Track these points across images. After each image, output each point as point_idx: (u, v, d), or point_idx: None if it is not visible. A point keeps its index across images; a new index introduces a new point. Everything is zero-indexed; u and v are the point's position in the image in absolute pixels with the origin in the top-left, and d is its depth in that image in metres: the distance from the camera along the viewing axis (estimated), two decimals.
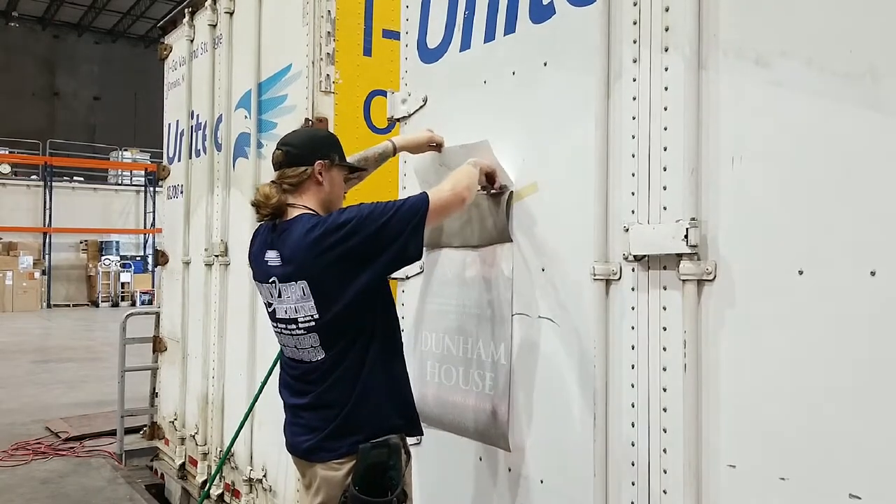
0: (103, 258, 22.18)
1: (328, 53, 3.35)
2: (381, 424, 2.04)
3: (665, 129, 1.73)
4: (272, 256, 2.07)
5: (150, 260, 22.60)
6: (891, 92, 1.34)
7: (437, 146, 2.43)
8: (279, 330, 2.13)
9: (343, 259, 1.96)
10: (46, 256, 21.80)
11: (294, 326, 2.05)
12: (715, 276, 1.62)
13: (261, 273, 2.14)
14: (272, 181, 2.13)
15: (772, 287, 1.51)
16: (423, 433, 2.21)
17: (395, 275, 2.62)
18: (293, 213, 2.07)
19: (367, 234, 1.95)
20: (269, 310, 2.14)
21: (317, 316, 2.00)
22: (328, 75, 3.34)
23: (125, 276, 22.27)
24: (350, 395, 2.02)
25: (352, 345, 2.03)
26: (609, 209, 1.86)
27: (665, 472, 1.71)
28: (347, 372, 2.02)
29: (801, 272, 1.46)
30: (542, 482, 2.06)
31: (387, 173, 2.94)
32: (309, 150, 2.12)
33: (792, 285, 1.47)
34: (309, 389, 2.09)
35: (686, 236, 1.62)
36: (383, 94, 3.00)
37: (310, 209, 2.08)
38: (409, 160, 2.63)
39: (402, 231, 1.96)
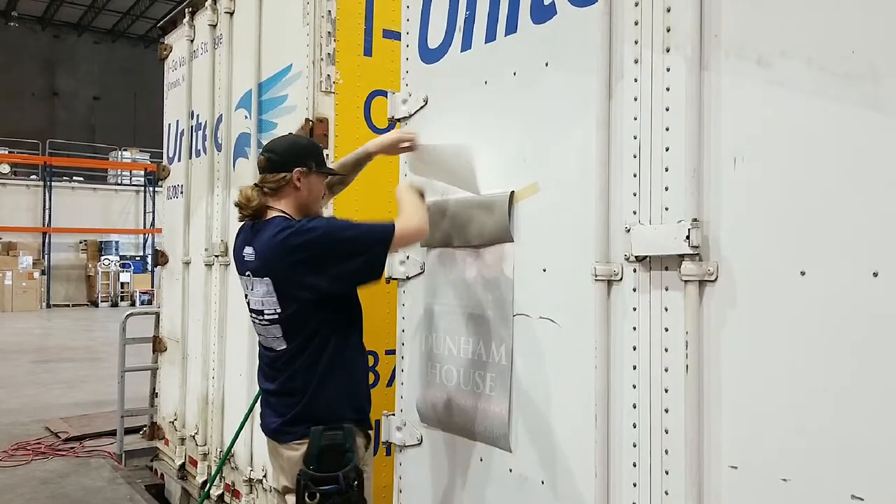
0: (103, 258, 22.17)
1: (329, 53, 3.34)
2: (335, 413, 2.24)
3: (667, 129, 1.72)
4: (248, 252, 2.30)
5: (149, 260, 22.59)
6: (892, 92, 1.34)
7: (409, 146, 2.50)
8: (253, 319, 2.36)
9: (301, 263, 2.15)
10: (46, 256, 21.79)
11: (262, 317, 2.28)
12: (717, 277, 1.61)
13: (240, 266, 2.38)
14: (255, 184, 2.35)
15: (774, 288, 1.51)
16: (371, 428, 2.39)
17: (394, 275, 2.63)
18: (270, 214, 2.29)
19: (327, 244, 2.15)
20: (246, 300, 2.38)
21: (279, 310, 2.22)
22: (329, 75, 3.34)
23: (125, 276, 22.27)
24: (309, 384, 2.23)
25: (310, 339, 2.23)
26: (610, 210, 1.86)
27: (667, 473, 1.71)
28: (307, 363, 2.23)
29: (803, 273, 1.46)
30: (543, 483, 2.06)
31: (387, 172, 2.94)
32: (289, 157, 2.31)
33: (794, 286, 1.47)
34: (276, 376, 2.31)
35: (688, 237, 1.62)
36: (384, 94, 2.99)
37: (285, 213, 2.29)
38: (407, 160, 2.62)
39: (365, 250, 2.16)
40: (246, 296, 2.37)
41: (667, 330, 1.72)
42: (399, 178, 2.70)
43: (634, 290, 1.80)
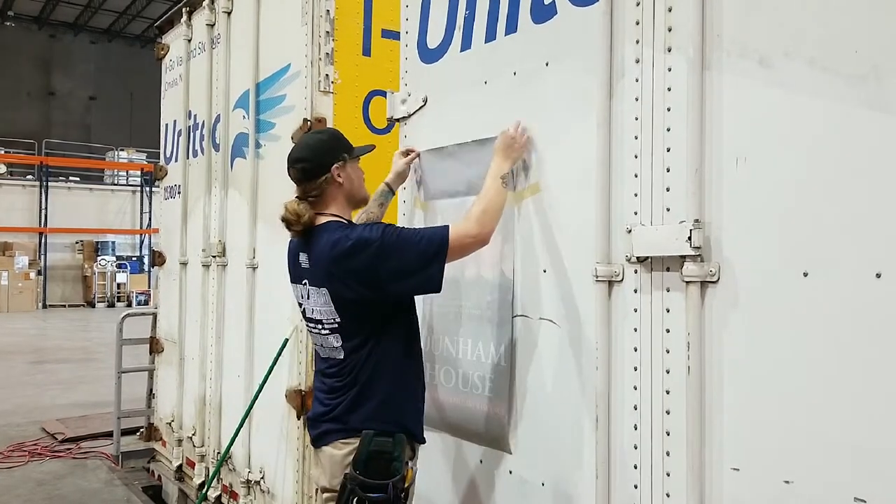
0: (99, 258, 22.12)
1: (327, 53, 3.33)
2: (382, 419, 2.13)
3: (668, 129, 1.72)
4: (304, 260, 2.22)
5: (146, 260, 22.55)
6: (895, 92, 1.33)
7: (413, 156, 2.52)
8: (310, 329, 2.28)
9: (357, 278, 2.08)
10: (42, 257, 21.74)
11: (321, 327, 2.20)
12: (718, 278, 1.61)
13: (294, 274, 2.29)
14: (298, 197, 2.25)
15: (776, 289, 1.51)
16: (420, 443, 2.25)
17: None
18: (321, 220, 2.20)
19: (382, 261, 2.05)
20: (301, 308, 2.30)
21: (339, 319, 2.15)
22: (327, 75, 3.33)
23: (121, 277, 22.22)
24: (356, 384, 2.14)
25: (364, 345, 2.14)
26: (612, 210, 1.85)
27: (668, 475, 1.70)
28: (359, 366, 2.14)
29: (805, 274, 1.45)
30: (543, 485, 2.05)
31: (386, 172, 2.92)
32: (321, 159, 2.23)
33: (796, 287, 1.46)
34: (332, 384, 2.21)
35: (689, 238, 1.61)
36: (383, 94, 2.98)
37: (336, 216, 2.22)
38: (421, 154, 2.60)
39: (421, 268, 2.06)
40: (300, 304, 2.29)
41: (668, 331, 1.71)
42: (397, 190, 2.67)
43: (636, 291, 1.79)
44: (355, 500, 2.04)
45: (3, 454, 5.96)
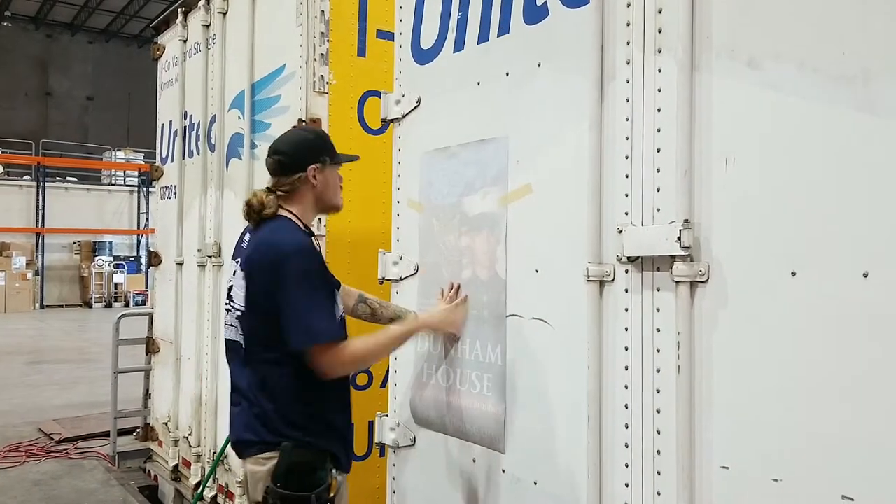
0: (96, 259, 22.11)
1: (322, 54, 3.34)
2: (298, 430, 2.08)
3: (658, 130, 1.73)
4: (245, 240, 2.25)
5: (143, 261, 22.54)
6: (883, 94, 1.35)
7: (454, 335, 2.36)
8: (227, 307, 2.28)
9: (267, 279, 2.08)
10: (39, 257, 21.73)
11: (233, 305, 2.22)
12: (708, 278, 1.62)
13: (235, 252, 2.32)
14: (268, 188, 2.23)
15: (765, 288, 1.52)
16: (344, 464, 2.20)
17: (388, 276, 2.63)
18: (280, 212, 2.20)
19: (285, 288, 2.04)
20: (229, 286, 2.27)
21: (243, 307, 2.15)
22: (322, 76, 3.33)
23: (118, 277, 22.21)
24: (265, 395, 2.12)
25: (270, 350, 2.10)
26: (602, 211, 1.86)
27: (659, 473, 1.71)
28: (268, 373, 2.12)
29: (793, 274, 1.47)
30: (535, 484, 2.06)
31: (381, 183, 2.92)
32: (301, 156, 2.21)
33: (785, 287, 1.48)
34: (242, 376, 2.22)
35: (679, 238, 1.62)
36: (377, 94, 2.99)
37: (293, 214, 2.20)
38: (414, 155, 2.61)
39: (294, 327, 2.03)
40: (230, 282, 2.26)
41: (658, 331, 1.72)
42: (392, 191, 2.68)
43: (626, 290, 1.80)
44: None
45: (0, 454, 5.96)
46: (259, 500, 2.09)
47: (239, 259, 2.24)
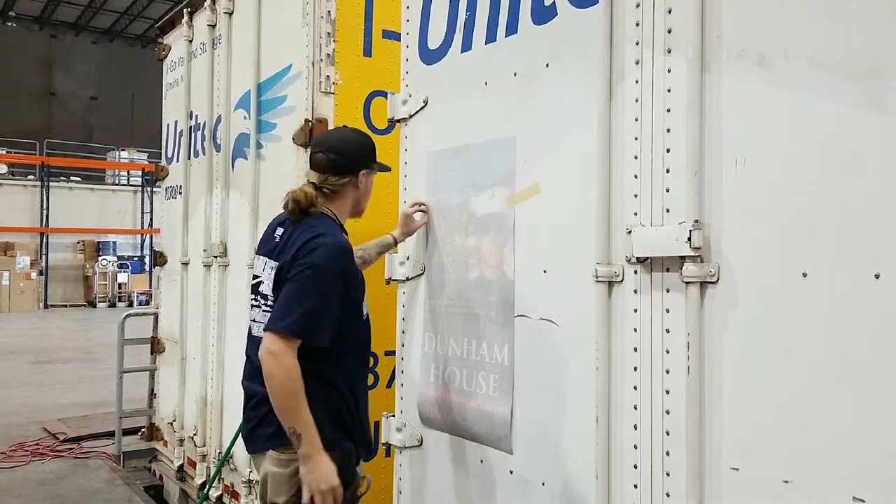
0: (100, 258, 22.15)
1: (328, 54, 3.34)
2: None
3: (668, 130, 1.72)
4: (279, 234, 2.20)
5: (147, 260, 22.58)
6: (894, 92, 1.34)
7: (423, 211, 2.48)
8: (253, 303, 2.26)
9: (294, 265, 2.09)
10: (43, 257, 21.77)
11: (267, 302, 2.18)
12: (718, 279, 1.61)
13: (263, 245, 2.27)
14: (313, 183, 2.21)
15: (775, 289, 1.51)
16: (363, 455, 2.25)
17: (394, 276, 2.63)
18: (321, 210, 2.21)
19: (308, 275, 2.06)
20: (257, 282, 2.24)
21: (274, 302, 2.13)
22: (328, 76, 3.33)
23: (122, 277, 22.25)
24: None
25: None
26: (611, 211, 1.85)
27: (668, 474, 1.71)
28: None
29: (804, 274, 1.46)
30: (543, 485, 2.05)
31: (386, 184, 2.91)
32: (356, 159, 2.24)
33: (795, 288, 1.47)
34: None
35: (689, 238, 1.62)
36: (383, 94, 2.99)
37: (333, 213, 2.24)
38: (421, 155, 2.61)
39: (289, 306, 2.04)
40: (258, 278, 2.23)
41: (668, 331, 1.72)
42: (399, 191, 2.68)
43: (635, 291, 1.80)
44: None
45: (5, 454, 5.97)
46: (279, 502, 2.09)
47: (266, 252, 2.20)
